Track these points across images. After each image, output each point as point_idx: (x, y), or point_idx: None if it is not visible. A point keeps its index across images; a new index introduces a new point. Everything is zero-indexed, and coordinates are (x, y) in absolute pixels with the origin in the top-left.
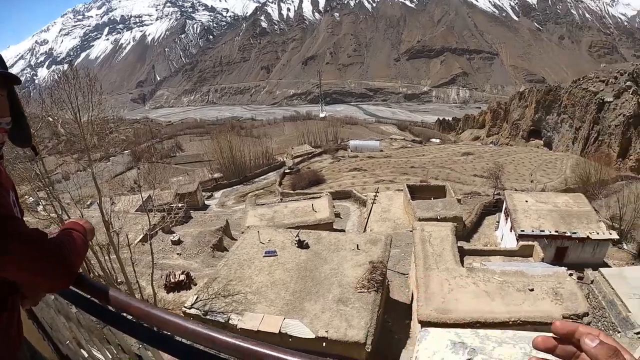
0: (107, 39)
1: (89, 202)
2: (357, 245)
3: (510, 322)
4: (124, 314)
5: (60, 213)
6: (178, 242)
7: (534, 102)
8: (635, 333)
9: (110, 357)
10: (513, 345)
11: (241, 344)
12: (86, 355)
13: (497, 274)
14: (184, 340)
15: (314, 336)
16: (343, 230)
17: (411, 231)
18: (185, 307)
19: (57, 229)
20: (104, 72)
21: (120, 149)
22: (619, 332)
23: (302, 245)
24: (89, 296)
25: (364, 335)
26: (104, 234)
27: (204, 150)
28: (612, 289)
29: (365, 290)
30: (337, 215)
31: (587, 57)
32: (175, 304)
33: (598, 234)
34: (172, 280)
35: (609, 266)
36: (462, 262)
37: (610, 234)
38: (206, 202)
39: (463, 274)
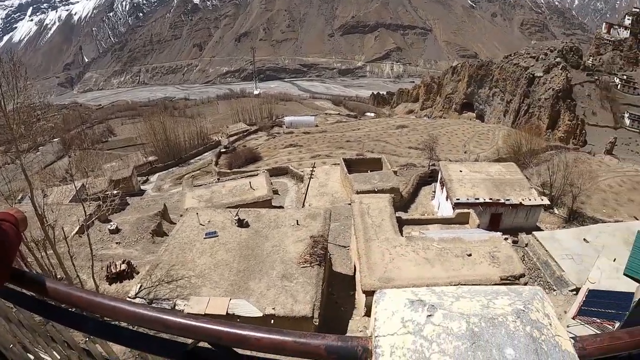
0: (31, 20)
1: (20, 197)
2: (297, 220)
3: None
4: (66, 306)
5: None
6: (116, 231)
7: (466, 77)
8: (570, 290)
9: (59, 357)
10: (470, 299)
11: (195, 323)
12: (33, 358)
13: (436, 242)
14: (133, 327)
15: (261, 314)
16: (282, 207)
17: (350, 204)
18: (129, 297)
19: None
20: (29, 56)
21: (49, 137)
22: (555, 290)
23: (242, 224)
24: (25, 291)
25: (311, 309)
26: (39, 228)
27: (137, 133)
28: (546, 250)
29: (308, 265)
30: (275, 192)
31: (519, 35)
32: (118, 295)
33: (530, 200)
34: (114, 270)
35: (542, 230)
36: (401, 231)
37: (542, 200)
38: (142, 187)
39: (403, 243)
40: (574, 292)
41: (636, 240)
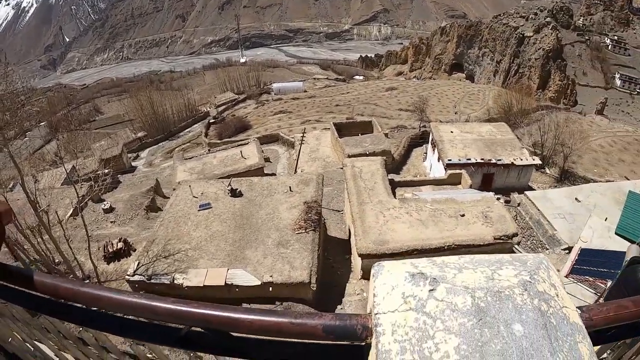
0: (8, 4)
1: (11, 185)
2: (290, 187)
3: (446, 247)
4: (54, 298)
5: None
6: (110, 210)
7: (455, 37)
8: (562, 249)
9: (56, 346)
10: (473, 270)
11: (184, 309)
12: (32, 349)
13: (429, 203)
14: (123, 315)
15: (259, 282)
16: (274, 174)
17: (342, 168)
18: (128, 275)
19: None
20: (8, 41)
21: (35, 121)
22: (547, 249)
23: (235, 193)
24: (13, 286)
25: (308, 275)
26: (33, 215)
27: (124, 110)
28: (538, 210)
29: (303, 231)
30: (267, 159)
31: None
32: (117, 273)
33: (522, 160)
34: (110, 249)
35: (534, 189)
36: (394, 194)
37: (534, 159)
38: (133, 164)
39: (396, 205)
40: (567, 251)
41: (627, 200)
